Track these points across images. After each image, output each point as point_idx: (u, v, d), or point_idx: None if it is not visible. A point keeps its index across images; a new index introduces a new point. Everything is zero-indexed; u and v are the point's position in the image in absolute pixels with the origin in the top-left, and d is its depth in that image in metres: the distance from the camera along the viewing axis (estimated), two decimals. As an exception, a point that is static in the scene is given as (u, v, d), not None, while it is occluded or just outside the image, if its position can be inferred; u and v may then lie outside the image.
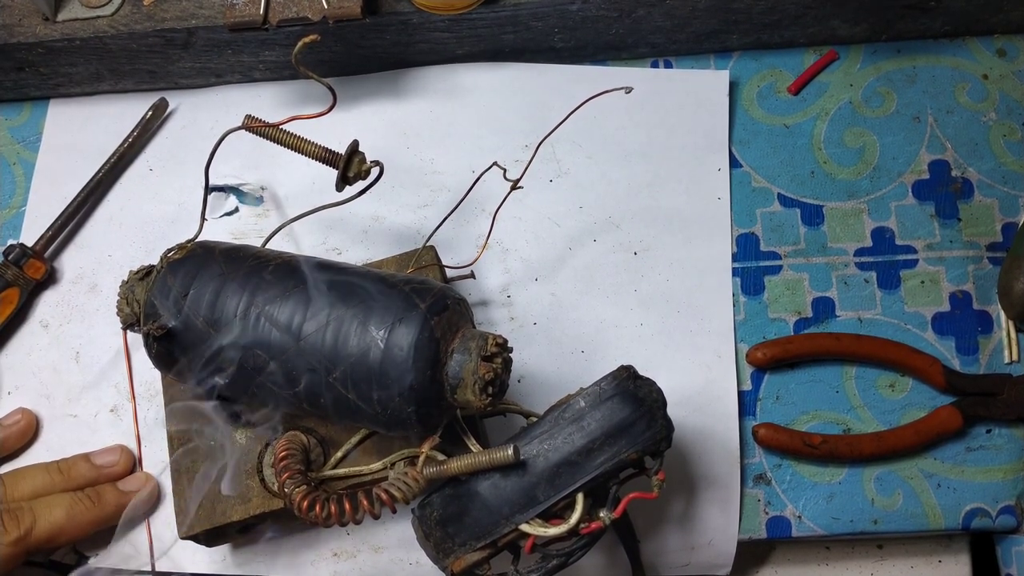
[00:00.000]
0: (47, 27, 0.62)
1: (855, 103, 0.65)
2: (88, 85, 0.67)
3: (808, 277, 0.62)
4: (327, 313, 0.45)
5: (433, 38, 0.63)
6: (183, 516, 0.51)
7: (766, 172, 0.64)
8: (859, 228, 0.62)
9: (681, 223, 0.63)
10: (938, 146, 0.64)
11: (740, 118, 0.65)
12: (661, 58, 0.67)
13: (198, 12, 0.61)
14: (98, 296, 0.64)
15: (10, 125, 0.69)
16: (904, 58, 0.66)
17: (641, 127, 0.65)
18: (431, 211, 0.64)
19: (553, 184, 0.64)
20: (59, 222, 0.64)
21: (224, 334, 0.46)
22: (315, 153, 0.49)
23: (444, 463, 0.46)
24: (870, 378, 0.60)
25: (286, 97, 0.67)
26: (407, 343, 0.43)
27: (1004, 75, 0.65)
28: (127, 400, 0.61)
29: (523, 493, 0.45)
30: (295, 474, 0.47)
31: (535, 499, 0.45)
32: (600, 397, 0.46)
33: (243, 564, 0.57)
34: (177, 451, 0.52)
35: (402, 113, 0.66)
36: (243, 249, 0.49)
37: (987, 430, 0.58)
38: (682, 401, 0.58)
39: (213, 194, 0.65)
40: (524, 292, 0.62)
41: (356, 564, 0.57)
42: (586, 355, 0.60)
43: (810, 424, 0.59)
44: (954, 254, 0.62)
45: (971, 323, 0.60)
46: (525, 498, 0.45)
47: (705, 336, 0.60)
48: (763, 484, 0.58)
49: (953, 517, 0.57)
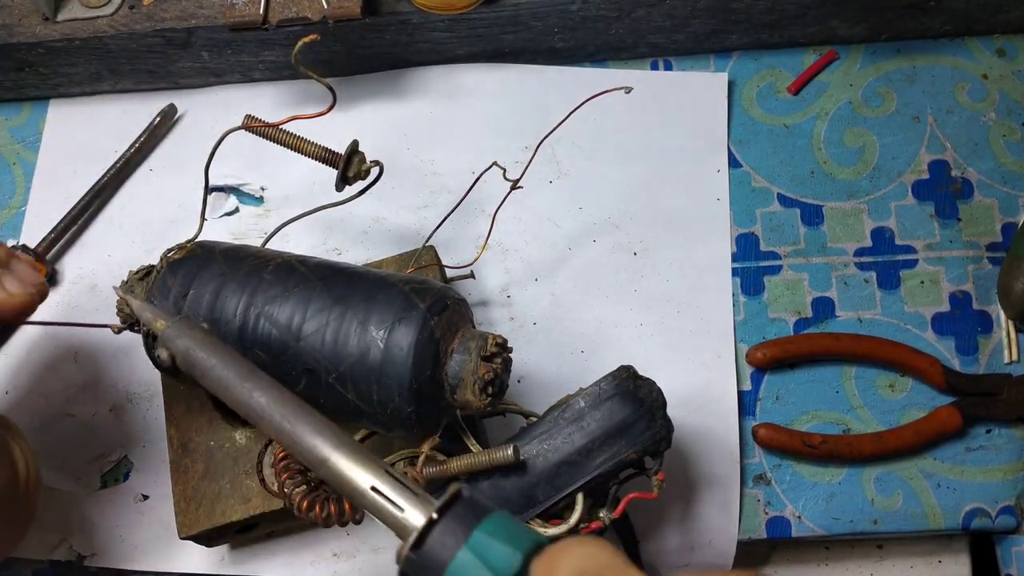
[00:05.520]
0: (47, 27, 0.62)
1: (855, 103, 0.65)
2: (88, 85, 0.67)
3: (808, 277, 0.62)
4: (327, 313, 0.45)
5: (433, 38, 0.63)
6: (183, 516, 0.51)
7: (766, 172, 0.64)
8: (859, 228, 0.62)
9: (681, 223, 0.63)
10: (938, 146, 0.64)
11: (740, 118, 0.65)
12: (661, 58, 0.67)
13: (198, 12, 0.61)
14: (98, 296, 0.64)
15: (10, 125, 0.69)
16: (904, 58, 0.66)
17: (640, 128, 0.65)
18: (431, 211, 0.64)
19: (553, 185, 0.64)
20: (61, 225, 0.64)
21: (224, 334, 0.46)
22: (315, 153, 0.49)
23: (444, 463, 0.46)
24: (870, 378, 0.60)
25: (286, 97, 0.67)
26: (407, 343, 0.43)
27: (1004, 75, 0.65)
28: (127, 400, 0.61)
29: (523, 493, 0.45)
30: (295, 474, 0.47)
31: (535, 499, 0.45)
32: (600, 397, 0.46)
33: (243, 564, 0.57)
34: (177, 451, 0.52)
35: (402, 113, 0.66)
36: (243, 249, 0.49)
37: (987, 430, 0.58)
38: (682, 401, 0.58)
39: (213, 194, 0.65)
40: (524, 292, 0.62)
41: (356, 564, 0.57)
42: (586, 355, 0.60)
43: (810, 424, 0.59)
44: (954, 254, 0.62)
45: (971, 323, 0.60)
46: (525, 498, 0.45)
47: (705, 336, 0.60)
48: (763, 484, 0.58)
49: (953, 517, 0.57)
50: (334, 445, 0.36)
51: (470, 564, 0.30)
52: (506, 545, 0.31)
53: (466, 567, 0.31)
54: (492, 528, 0.31)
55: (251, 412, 0.37)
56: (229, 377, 0.38)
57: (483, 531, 0.31)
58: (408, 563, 0.32)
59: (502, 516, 0.32)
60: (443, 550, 0.31)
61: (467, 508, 0.32)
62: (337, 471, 0.35)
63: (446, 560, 0.31)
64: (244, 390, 0.38)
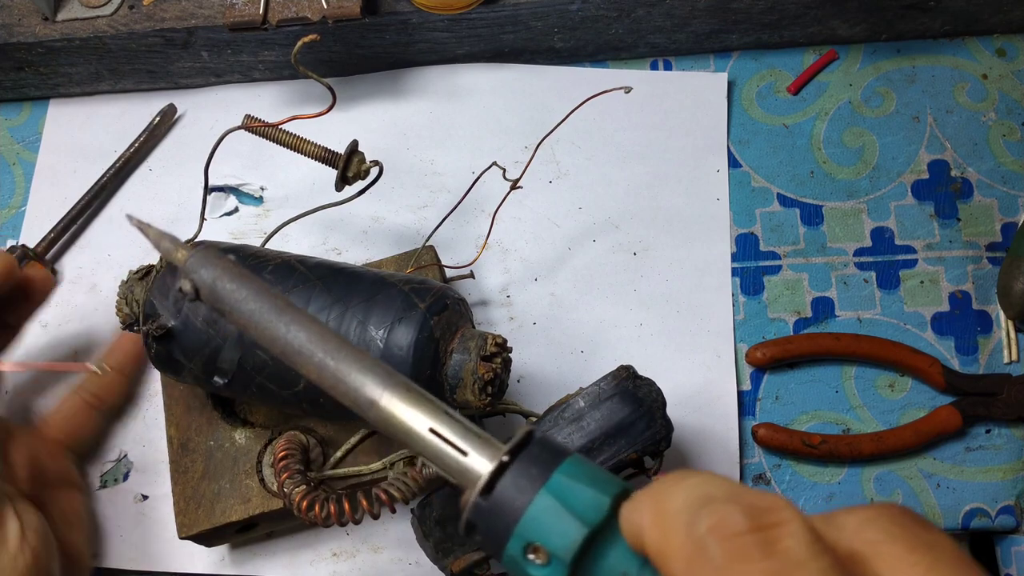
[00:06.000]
0: (47, 27, 0.62)
1: (855, 103, 0.65)
2: (88, 85, 0.67)
3: (808, 277, 0.62)
4: (326, 313, 0.45)
5: (433, 38, 0.63)
6: (183, 516, 0.51)
7: (765, 172, 0.64)
8: (858, 228, 0.62)
9: (680, 223, 0.63)
10: (938, 146, 0.64)
11: (740, 118, 0.65)
12: (661, 58, 0.67)
13: (198, 12, 0.61)
14: (97, 296, 0.64)
15: (10, 125, 0.69)
16: (904, 58, 0.66)
17: (640, 129, 0.65)
18: (431, 211, 0.64)
19: (552, 185, 0.64)
20: (61, 225, 0.64)
21: (224, 334, 0.46)
22: (315, 153, 0.50)
23: (444, 463, 0.46)
24: (869, 378, 0.60)
25: (286, 97, 0.67)
26: (406, 343, 0.43)
27: (1004, 75, 0.65)
28: (127, 400, 0.61)
29: (523, 493, 0.45)
30: (294, 474, 0.47)
31: (535, 499, 0.45)
32: (600, 397, 0.46)
33: (242, 564, 0.57)
34: (177, 451, 0.52)
35: (402, 113, 0.66)
36: (243, 249, 0.49)
37: (986, 430, 0.58)
38: (682, 401, 0.58)
39: (213, 194, 0.65)
40: (524, 292, 0.62)
41: (355, 564, 0.57)
42: (586, 355, 0.60)
43: (809, 424, 0.59)
44: (954, 254, 0.62)
45: (970, 323, 0.60)
46: (525, 498, 0.45)
47: (705, 336, 0.60)
48: (762, 484, 0.58)
49: (952, 517, 0.57)
50: (384, 384, 0.31)
51: (550, 509, 0.26)
52: (590, 488, 0.27)
53: (545, 513, 0.26)
54: (572, 470, 0.27)
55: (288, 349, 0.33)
56: (263, 311, 0.33)
57: (563, 473, 0.27)
58: (476, 510, 0.28)
59: (581, 459, 0.28)
60: (518, 495, 0.27)
61: (542, 449, 0.28)
62: (388, 413, 0.31)
63: (522, 506, 0.27)
64: (281, 324, 0.33)
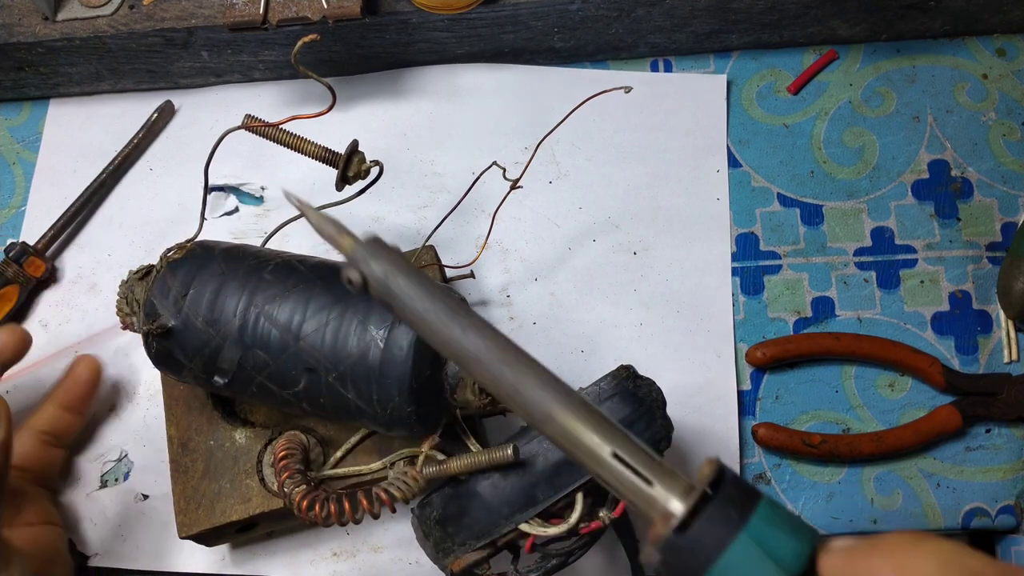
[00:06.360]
0: (47, 27, 0.62)
1: (855, 103, 0.65)
2: (88, 85, 0.67)
3: (808, 277, 0.62)
4: (327, 313, 0.45)
5: (433, 38, 0.63)
6: (183, 516, 0.51)
7: (766, 172, 0.64)
8: (859, 228, 0.62)
9: (680, 223, 0.63)
10: (938, 146, 0.64)
11: (740, 118, 0.65)
12: (661, 58, 0.67)
13: (198, 12, 0.61)
14: (97, 296, 0.64)
15: (10, 125, 0.69)
16: (904, 58, 0.66)
17: (640, 129, 0.65)
18: (431, 211, 0.64)
19: (552, 185, 0.64)
20: (60, 222, 0.64)
21: (224, 334, 0.46)
22: (315, 153, 0.50)
23: (444, 463, 0.46)
24: (870, 378, 0.60)
25: (286, 97, 0.67)
26: (407, 342, 0.43)
27: (1004, 75, 0.65)
28: (127, 400, 0.61)
29: (523, 493, 0.45)
30: (295, 474, 0.47)
31: (535, 499, 0.45)
32: (599, 397, 0.46)
33: (243, 564, 0.57)
34: (177, 450, 0.52)
35: (402, 113, 0.66)
36: (243, 249, 0.49)
37: (986, 430, 0.58)
38: (682, 401, 0.58)
39: (213, 194, 0.65)
40: (524, 292, 0.62)
41: (355, 564, 0.57)
42: (586, 355, 0.60)
43: (809, 424, 0.59)
44: (954, 254, 0.62)
45: (970, 323, 0.60)
46: (525, 498, 0.45)
47: (705, 336, 0.60)
48: (762, 484, 0.58)
49: (952, 517, 0.57)
50: (564, 402, 0.30)
51: (751, 555, 0.26)
52: (791, 535, 0.26)
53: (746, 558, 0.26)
54: (770, 515, 0.27)
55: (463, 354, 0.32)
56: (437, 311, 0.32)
57: (761, 517, 0.27)
58: (670, 547, 0.27)
59: (774, 502, 0.27)
60: (715, 535, 0.26)
61: (737, 488, 0.27)
62: (567, 430, 0.30)
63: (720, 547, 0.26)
64: (456, 328, 0.32)
